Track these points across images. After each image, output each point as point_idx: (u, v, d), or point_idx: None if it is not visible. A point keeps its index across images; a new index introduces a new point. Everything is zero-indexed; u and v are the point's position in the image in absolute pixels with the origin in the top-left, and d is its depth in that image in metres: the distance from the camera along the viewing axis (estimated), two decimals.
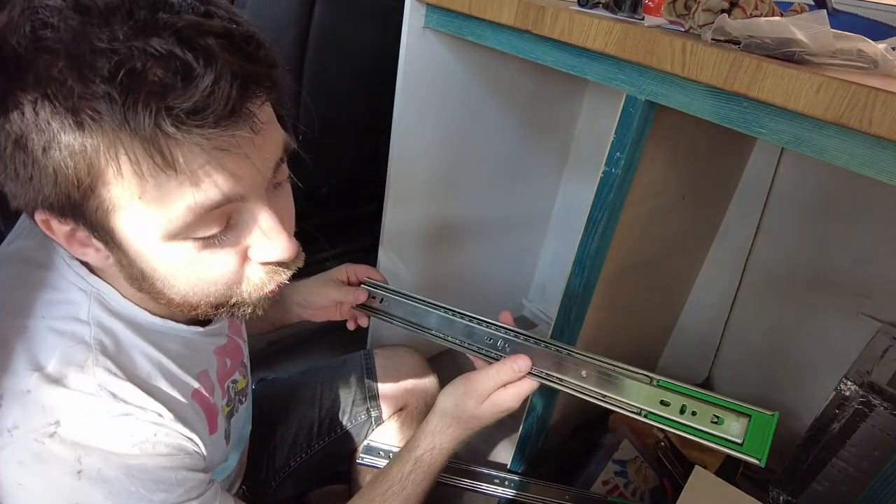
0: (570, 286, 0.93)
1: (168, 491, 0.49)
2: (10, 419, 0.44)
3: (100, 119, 0.36)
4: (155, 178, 0.39)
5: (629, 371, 0.66)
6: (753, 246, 1.28)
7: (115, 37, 0.36)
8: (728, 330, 1.37)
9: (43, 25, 0.36)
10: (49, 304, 0.49)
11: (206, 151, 0.39)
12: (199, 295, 0.49)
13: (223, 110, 0.38)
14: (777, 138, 0.66)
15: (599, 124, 1.47)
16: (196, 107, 0.37)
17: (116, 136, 0.37)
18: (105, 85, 0.35)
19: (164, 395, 0.51)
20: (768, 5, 0.77)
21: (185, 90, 0.36)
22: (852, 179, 0.99)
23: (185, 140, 0.38)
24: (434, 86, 1.11)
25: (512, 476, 1.05)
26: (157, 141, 0.37)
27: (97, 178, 0.39)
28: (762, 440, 0.56)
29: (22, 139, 0.38)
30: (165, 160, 0.38)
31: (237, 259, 0.48)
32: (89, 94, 0.36)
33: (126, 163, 0.38)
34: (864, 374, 0.94)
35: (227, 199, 0.43)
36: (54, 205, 0.41)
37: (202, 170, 0.40)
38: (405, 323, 0.80)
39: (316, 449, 0.95)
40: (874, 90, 0.55)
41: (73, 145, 0.38)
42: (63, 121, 0.37)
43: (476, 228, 1.44)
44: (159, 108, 0.36)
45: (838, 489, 0.96)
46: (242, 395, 0.70)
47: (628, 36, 0.73)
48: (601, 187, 0.84)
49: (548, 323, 1.73)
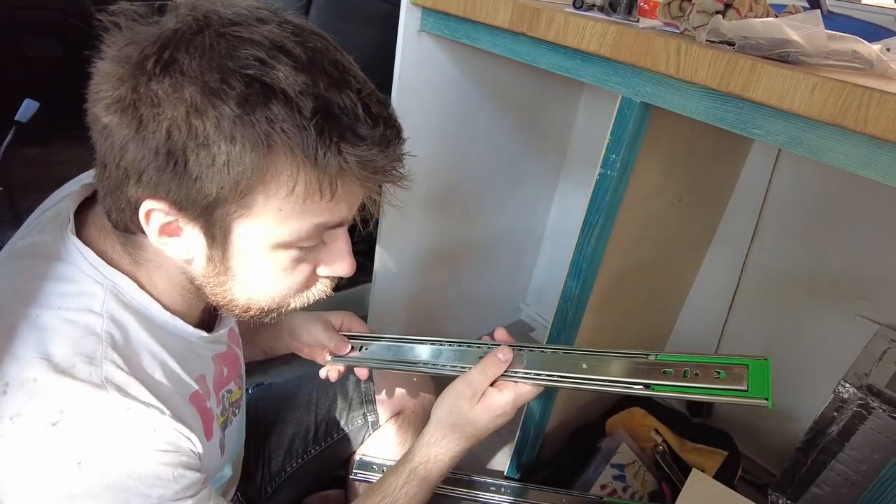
0: (566, 290, 0.93)
1: (165, 487, 0.49)
2: (14, 406, 0.44)
3: (295, 147, 0.43)
4: (312, 198, 0.46)
5: (627, 353, 0.68)
6: (751, 248, 1.28)
7: (317, 84, 0.43)
8: (726, 332, 1.37)
9: (254, 60, 0.42)
10: (64, 296, 0.49)
11: (358, 186, 0.48)
12: (265, 299, 0.54)
13: (388, 165, 0.48)
14: (772, 139, 0.65)
15: (595, 127, 1.46)
16: (372, 158, 0.46)
17: (303, 163, 0.44)
18: (305, 122, 0.43)
19: (166, 393, 0.51)
20: (763, 7, 0.77)
21: (363, 142, 0.45)
22: (849, 181, 0.99)
23: (353, 178, 0.46)
24: (430, 89, 1.11)
25: (509, 483, 1.04)
26: (336, 177, 0.46)
27: (260, 186, 0.45)
28: (764, 383, 0.59)
29: (204, 144, 0.43)
30: (332, 190, 0.46)
31: (310, 270, 0.55)
32: (291, 125, 0.42)
33: (301, 186, 0.45)
34: (863, 377, 0.94)
35: (342, 223, 0.52)
36: (187, 200, 0.45)
37: (345, 200, 0.49)
38: (385, 363, 0.81)
39: (312, 454, 0.94)
40: (869, 90, 0.55)
41: (259, 164, 0.44)
42: (258, 140, 0.43)
43: (473, 232, 1.44)
44: (346, 150, 0.44)
45: (837, 492, 0.95)
46: (236, 407, 0.70)
47: (623, 38, 0.73)
48: (597, 190, 0.84)
49: (545, 327, 1.72)
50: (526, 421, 1.08)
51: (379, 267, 1.26)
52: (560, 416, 1.15)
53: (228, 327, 0.66)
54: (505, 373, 0.69)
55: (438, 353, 0.78)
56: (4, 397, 0.44)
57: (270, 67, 0.42)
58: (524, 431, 1.10)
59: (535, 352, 0.71)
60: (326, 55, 0.45)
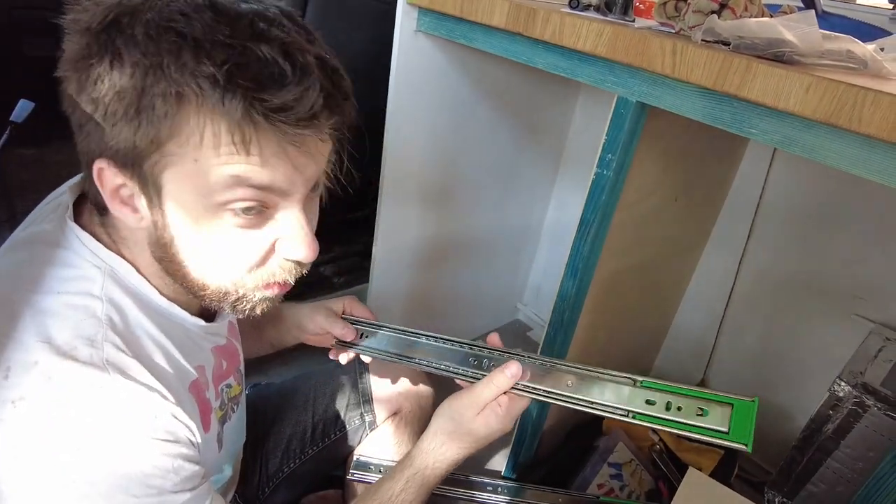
0: (563, 289, 0.93)
1: (163, 478, 0.49)
2: (17, 390, 0.44)
3: (201, 94, 0.43)
4: (226, 148, 0.45)
5: (612, 375, 0.67)
6: (746, 248, 1.28)
7: (235, 36, 0.43)
8: (722, 332, 1.38)
9: (180, 14, 0.43)
10: (64, 280, 0.50)
11: (278, 144, 0.46)
12: (217, 275, 0.52)
13: (305, 114, 0.45)
14: (768, 138, 0.66)
15: (592, 127, 1.47)
16: (284, 106, 0.44)
17: (209, 112, 0.44)
18: (214, 68, 0.42)
19: (166, 377, 0.51)
20: (758, 7, 0.77)
21: (279, 91, 0.43)
22: (844, 180, 0.99)
23: (267, 129, 0.45)
24: (427, 89, 1.12)
25: (506, 483, 1.04)
26: (243, 124, 0.44)
27: (173, 137, 0.45)
28: (746, 426, 0.58)
29: (123, 93, 0.44)
30: (244, 140, 0.45)
31: (266, 247, 0.52)
32: (199, 73, 0.42)
33: (209, 135, 0.44)
34: (858, 375, 0.94)
35: (273, 188, 0.48)
36: (119, 153, 0.46)
37: (270, 158, 0.47)
38: (388, 355, 0.81)
39: (309, 454, 0.94)
40: (863, 89, 0.55)
41: (168, 111, 0.44)
42: (168, 89, 0.43)
43: (470, 232, 1.44)
44: (253, 97, 0.43)
45: (833, 490, 0.96)
46: (235, 403, 0.70)
47: (619, 37, 0.74)
48: (593, 189, 0.84)
49: (542, 326, 1.73)
50: (523, 420, 1.09)
51: (376, 266, 1.26)
52: (557, 415, 1.15)
53: (227, 319, 0.66)
54: (517, 385, 0.70)
55: (445, 353, 0.78)
56: (6, 381, 0.45)
57: (191, 20, 0.43)
58: (521, 430, 1.10)
59: (525, 360, 0.72)
60: (263, 12, 0.45)
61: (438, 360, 0.77)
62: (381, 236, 1.22)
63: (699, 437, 0.60)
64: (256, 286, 0.54)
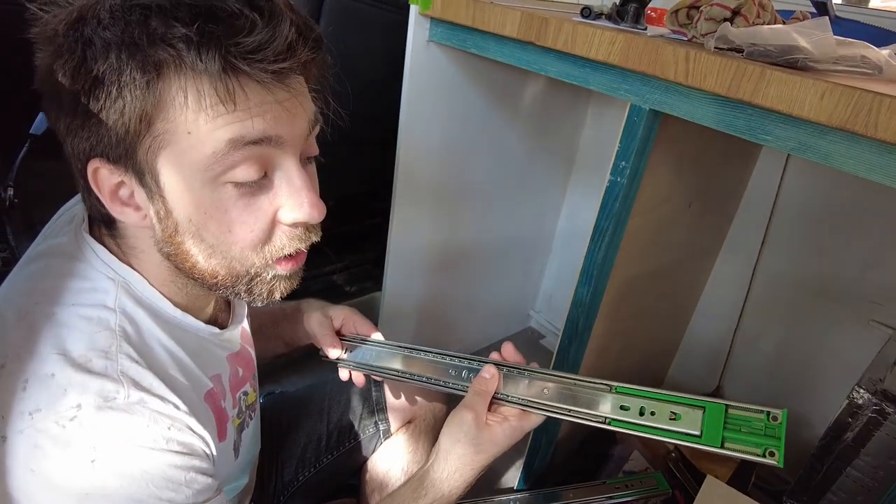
0: (577, 296, 0.93)
1: (176, 491, 0.49)
2: (33, 402, 0.45)
3: (177, 56, 0.43)
4: (214, 109, 0.45)
5: (588, 382, 0.66)
6: (761, 254, 1.27)
7: None
8: (738, 339, 1.36)
9: None
10: (78, 293, 0.50)
11: (264, 88, 0.46)
12: (226, 257, 0.51)
13: (281, 46, 0.45)
14: (782, 145, 0.66)
15: (604, 134, 1.47)
16: (259, 45, 0.44)
17: (189, 72, 0.44)
18: (185, 29, 0.42)
19: (181, 388, 0.52)
20: (770, 13, 0.77)
21: (251, 33, 0.44)
22: (859, 185, 0.99)
23: (249, 74, 0.45)
24: (439, 99, 1.12)
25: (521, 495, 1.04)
26: (224, 76, 0.44)
27: (160, 111, 0.45)
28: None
29: (102, 77, 0.44)
30: (228, 91, 0.44)
31: (268, 217, 0.51)
32: (171, 36, 0.42)
33: (193, 96, 0.44)
34: (877, 382, 0.93)
35: (267, 138, 0.48)
36: (111, 145, 0.46)
37: (257, 107, 0.46)
38: (372, 369, 0.82)
39: (324, 463, 0.94)
40: (879, 95, 0.55)
41: (150, 81, 0.44)
42: (145, 60, 0.43)
43: (482, 239, 1.44)
44: (228, 45, 0.43)
45: (853, 499, 0.94)
46: (252, 410, 0.70)
47: (631, 46, 0.74)
48: (607, 197, 0.84)
49: (555, 333, 1.72)
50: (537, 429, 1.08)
51: (388, 274, 1.26)
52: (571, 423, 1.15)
53: (240, 325, 0.66)
54: (496, 395, 0.70)
55: (436, 367, 0.78)
56: (24, 393, 0.45)
57: None
58: (535, 440, 1.10)
59: (503, 370, 0.71)
60: None
61: (434, 376, 0.77)
62: (393, 243, 1.23)
63: (675, 442, 0.59)
64: (266, 263, 0.53)
